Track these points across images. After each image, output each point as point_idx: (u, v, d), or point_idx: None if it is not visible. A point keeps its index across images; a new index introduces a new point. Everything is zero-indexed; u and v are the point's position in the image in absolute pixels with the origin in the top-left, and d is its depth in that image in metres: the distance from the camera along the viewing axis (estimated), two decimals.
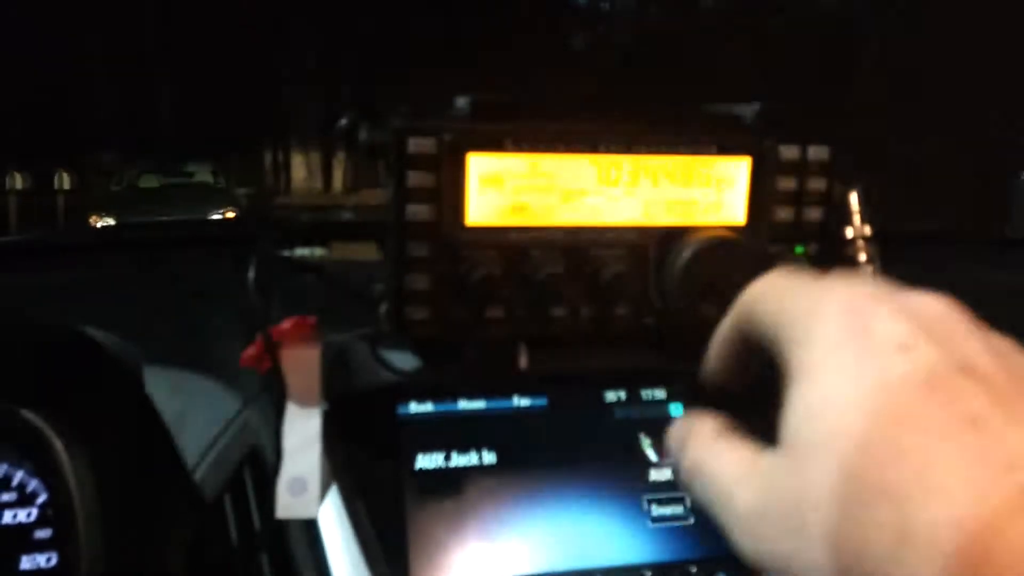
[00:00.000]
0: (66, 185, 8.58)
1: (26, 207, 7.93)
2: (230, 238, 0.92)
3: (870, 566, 0.26)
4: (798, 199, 0.62)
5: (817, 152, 0.62)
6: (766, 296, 0.35)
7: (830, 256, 0.64)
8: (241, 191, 9.81)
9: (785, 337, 0.32)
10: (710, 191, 0.61)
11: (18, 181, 7.95)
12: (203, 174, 9.91)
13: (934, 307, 0.30)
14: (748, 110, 0.62)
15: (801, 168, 0.62)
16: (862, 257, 0.65)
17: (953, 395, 0.27)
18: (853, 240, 0.65)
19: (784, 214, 0.62)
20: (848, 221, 0.66)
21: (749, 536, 0.30)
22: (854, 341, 0.29)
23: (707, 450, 0.34)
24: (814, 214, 0.62)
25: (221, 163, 10.32)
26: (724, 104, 0.64)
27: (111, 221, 7.39)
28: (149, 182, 9.55)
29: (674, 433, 0.37)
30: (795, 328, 0.31)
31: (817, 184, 0.62)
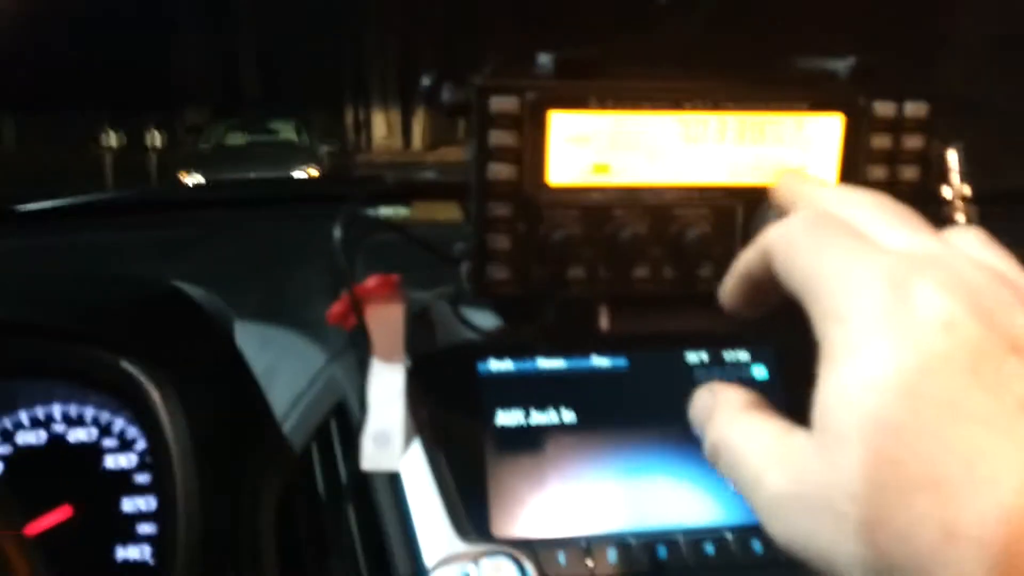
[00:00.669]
0: (157, 143, 8.87)
1: (119, 164, 8.22)
2: (317, 196, 0.93)
3: (911, 563, 0.24)
4: (893, 158, 0.60)
5: (914, 108, 0.59)
6: (800, 248, 0.32)
7: (927, 218, 0.61)
8: (323, 148, 9.96)
9: (820, 310, 0.29)
10: (800, 150, 0.59)
11: (112, 139, 8.25)
12: (287, 132, 10.09)
13: (986, 275, 0.27)
14: (841, 65, 0.60)
15: (897, 125, 0.59)
16: (960, 218, 0.62)
17: (1001, 378, 0.24)
18: (951, 201, 0.62)
19: (878, 174, 0.60)
20: (946, 180, 0.63)
21: (778, 521, 0.29)
22: (894, 317, 0.26)
23: (734, 426, 0.33)
24: (910, 174, 0.60)
25: (304, 121, 10.50)
26: (816, 59, 0.62)
27: (200, 178, 7.60)
28: (235, 140, 9.78)
29: (698, 404, 0.36)
30: (831, 299, 0.29)
31: (914, 142, 0.59)
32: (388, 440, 0.61)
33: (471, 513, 0.62)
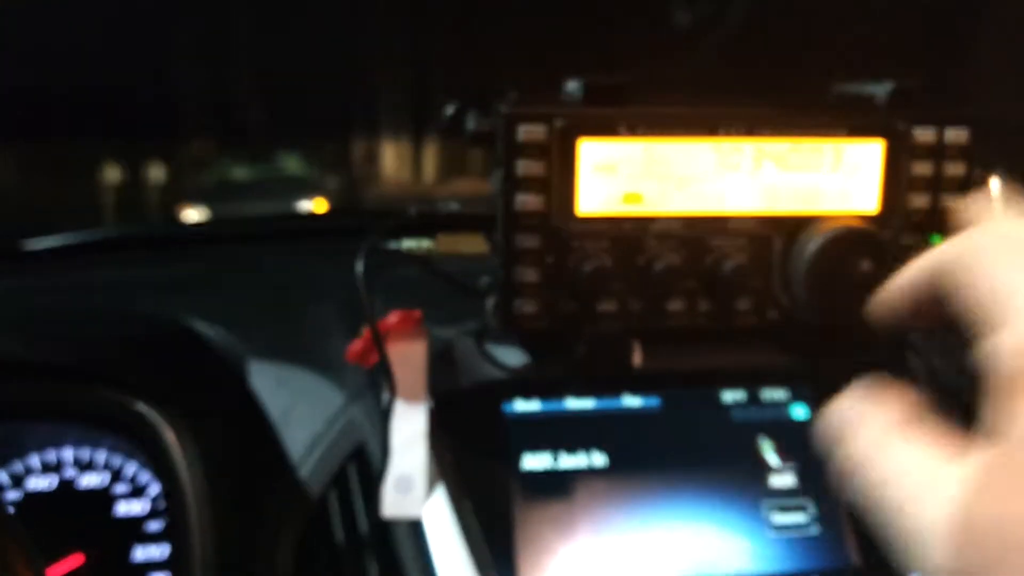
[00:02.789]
0: (160, 177, 8.88)
1: (121, 198, 8.24)
2: (331, 230, 0.91)
3: None
4: (935, 185, 0.57)
5: (955, 134, 0.57)
6: (974, 267, 0.29)
7: None
8: (332, 181, 9.97)
9: (998, 344, 0.27)
10: (839, 177, 0.57)
11: (114, 173, 8.27)
12: (293, 165, 10.11)
13: None
14: (880, 89, 0.58)
15: (938, 152, 0.57)
16: None
17: None
18: None
19: (919, 201, 0.57)
20: None
21: (948, 552, 0.25)
22: None
23: (886, 442, 0.29)
24: (952, 201, 0.58)
25: (311, 154, 10.53)
26: (854, 83, 0.60)
27: (204, 212, 7.60)
28: (240, 174, 9.80)
29: (835, 418, 0.32)
30: (1012, 332, 0.27)
31: (955, 169, 0.57)
32: (410, 485, 0.58)
33: (497, 562, 0.59)
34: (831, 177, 0.57)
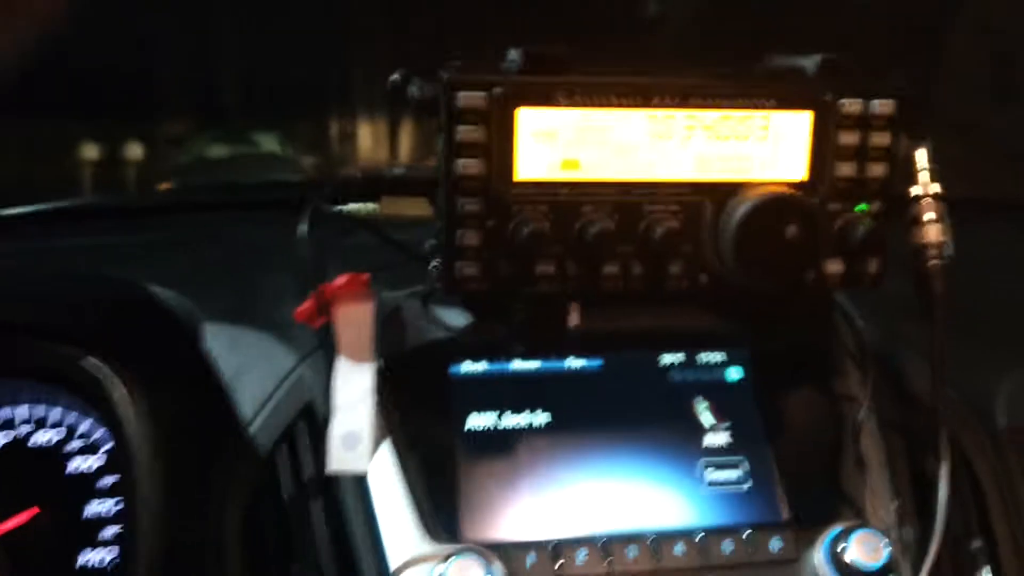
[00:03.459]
0: (137, 155, 8.81)
1: (98, 176, 8.17)
2: (287, 200, 0.93)
3: None
4: (861, 154, 0.60)
5: (882, 106, 0.59)
6: None
7: (894, 215, 0.61)
8: (308, 160, 9.93)
9: None
10: (768, 145, 0.59)
11: (90, 151, 8.20)
12: (270, 143, 10.06)
13: None
14: (810, 62, 0.60)
15: (864, 122, 0.59)
16: (929, 216, 0.62)
17: None
18: (919, 198, 0.62)
19: (846, 170, 0.60)
20: (916, 178, 0.63)
21: None
22: None
23: None
24: (878, 170, 0.60)
25: (288, 133, 10.48)
26: (785, 56, 0.62)
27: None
28: (217, 152, 9.75)
29: None
30: None
31: (881, 139, 0.60)
32: (357, 441, 0.60)
33: (440, 515, 0.61)
34: (760, 146, 0.59)
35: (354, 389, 0.61)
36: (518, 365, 0.68)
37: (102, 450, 0.61)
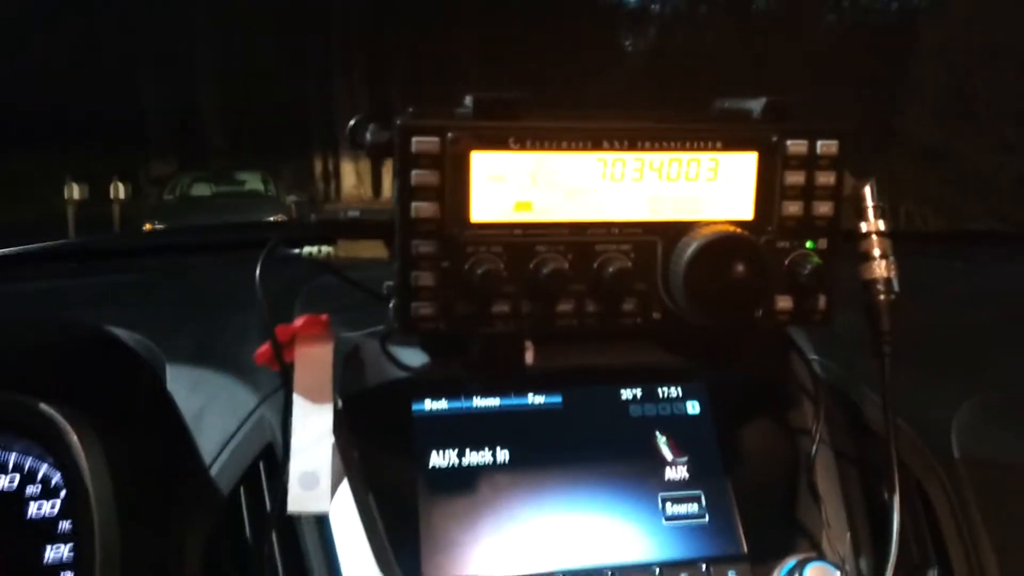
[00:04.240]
0: (121, 195, 8.81)
1: (83, 216, 8.15)
2: (257, 241, 0.94)
3: None
4: (807, 194, 0.61)
5: (826, 146, 0.61)
6: None
7: (842, 251, 0.63)
8: (291, 198, 9.96)
9: None
10: (716, 186, 0.60)
11: (75, 191, 8.18)
12: (254, 182, 10.10)
13: None
14: (756, 104, 0.62)
15: (810, 162, 0.61)
16: (876, 252, 0.64)
17: None
18: (867, 234, 0.64)
19: (793, 209, 0.61)
20: (862, 215, 0.64)
21: None
22: None
23: None
24: (824, 209, 0.62)
25: (272, 171, 10.51)
26: (734, 99, 0.64)
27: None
28: (201, 191, 9.77)
29: None
30: None
31: (826, 178, 0.61)
32: (315, 482, 0.61)
33: (401, 554, 0.62)
34: (709, 186, 0.60)
35: (312, 429, 0.61)
36: (479, 402, 0.69)
37: (60, 495, 0.61)
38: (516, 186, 0.58)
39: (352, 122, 0.60)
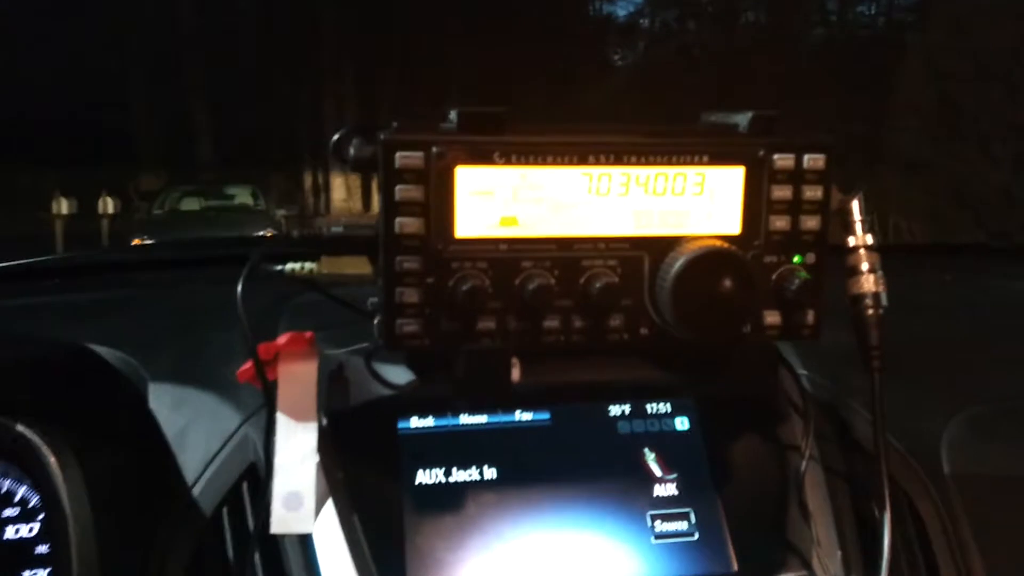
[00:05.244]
0: (110, 209, 8.78)
1: (71, 231, 8.11)
2: (239, 257, 0.93)
3: None
4: (795, 208, 0.61)
5: (813, 160, 0.60)
6: None
7: (829, 266, 0.62)
8: (280, 212, 9.95)
9: None
10: (703, 200, 0.60)
11: (63, 206, 8.15)
12: (243, 196, 10.09)
13: None
14: (742, 118, 0.61)
15: (796, 176, 0.61)
16: (864, 266, 0.63)
17: None
18: (855, 249, 0.64)
19: (781, 224, 0.61)
20: (850, 229, 0.64)
21: None
22: None
23: None
24: (811, 223, 0.61)
25: (261, 185, 10.50)
26: (720, 113, 0.64)
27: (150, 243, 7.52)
28: (190, 205, 9.75)
29: None
30: None
31: (813, 192, 0.61)
32: (300, 502, 0.60)
33: (387, 574, 0.61)
34: (696, 201, 0.60)
35: (296, 448, 0.60)
36: (466, 420, 0.68)
37: (38, 517, 0.59)
38: (501, 201, 0.58)
39: (336, 136, 0.59)
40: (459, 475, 0.66)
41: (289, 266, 0.60)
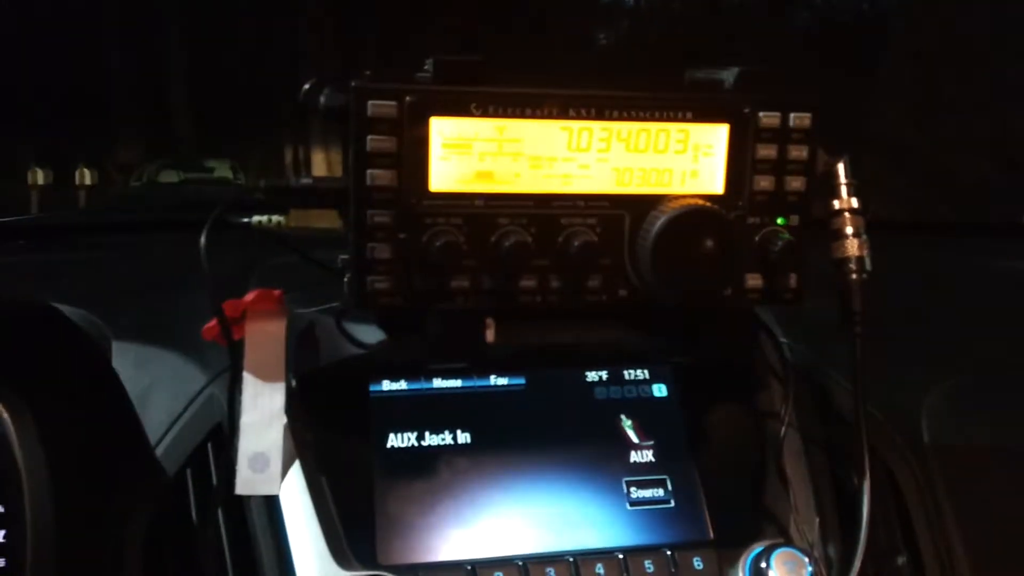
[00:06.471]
0: (87, 181, 8.65)
1: (47, 201, 8.00)
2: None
3: None
4: (779, 168, 0.59)
5: (799, 119, 0.59)
6: None
7: (813, 228, 0.61)
8: (260, 185, 9.83)
9: None
10: (686, 159, 0.58)
11: (39, 176, 8.02)
12: (222, 170, 9.98)
13: None
14: (728, 74, 0.60)
15: (782, 135, 0.59)
16: (848, 230, 0.62)
17: None
18: (840, 212, 0.62)
19: (765, 183, 0.59)
20: (835, 193, 0.63)
21: None
22: None
23: None
24: (796, 184, 0.60)
25: (241, 159, 10.39)
26: (704, 69, 0.62)
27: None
28: (169, 177, 9.64)
29: None
30: None
31: (799, 152, 0.59)
32: (267, 463, 0.58)
33: (354, 539, 0.59)
34: (678, 158, 0.58)
35: (263, 409, 0.58)
36: (439, 383, 0.66)
37: None
38: (477, 154, 0.56)
39: (306, 86, 0.57)
40: (431, 439, 0.64)
41: (256, 218, 0.58)
